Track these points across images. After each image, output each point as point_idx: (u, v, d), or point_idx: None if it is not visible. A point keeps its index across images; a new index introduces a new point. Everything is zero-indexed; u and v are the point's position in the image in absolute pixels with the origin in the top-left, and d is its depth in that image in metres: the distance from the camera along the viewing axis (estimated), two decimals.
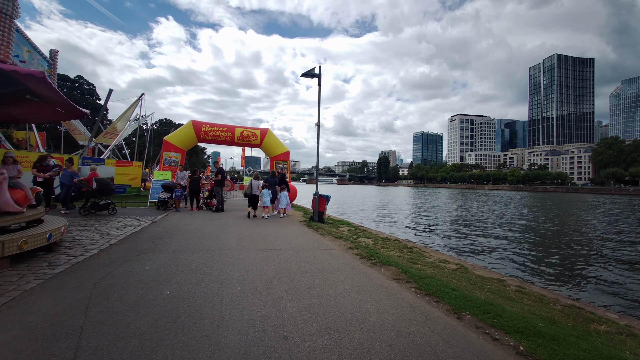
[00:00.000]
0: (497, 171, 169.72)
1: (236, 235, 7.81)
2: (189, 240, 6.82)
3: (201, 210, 13.18)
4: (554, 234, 16.70)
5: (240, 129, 21.39)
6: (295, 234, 8.43)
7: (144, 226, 8.53)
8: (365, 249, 6.68)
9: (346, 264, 5.54)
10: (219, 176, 12.67)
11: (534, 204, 43.02)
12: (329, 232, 8.69)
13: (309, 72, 10.62)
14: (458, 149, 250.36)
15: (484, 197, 63.08)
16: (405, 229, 17.59)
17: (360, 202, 40.59)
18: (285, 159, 21.71)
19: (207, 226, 9.02)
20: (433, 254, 7.51)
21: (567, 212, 30.15)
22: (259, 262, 5.34)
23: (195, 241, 6.78)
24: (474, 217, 24.23)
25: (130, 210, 12.18)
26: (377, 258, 5.86)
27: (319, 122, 10.79)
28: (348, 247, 6.92)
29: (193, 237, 7.20)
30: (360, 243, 7.46)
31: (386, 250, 7.05)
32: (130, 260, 5.09)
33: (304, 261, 5.53)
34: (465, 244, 13.26)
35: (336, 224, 10.97)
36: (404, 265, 5.48)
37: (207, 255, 5.62)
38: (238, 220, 10.55)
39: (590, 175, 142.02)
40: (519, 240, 14.53)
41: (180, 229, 8.26)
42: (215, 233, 7.93)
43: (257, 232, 8.42)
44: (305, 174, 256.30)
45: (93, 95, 59.03)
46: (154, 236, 7.17)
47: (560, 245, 13.48)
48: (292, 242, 7.20)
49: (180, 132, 20.65)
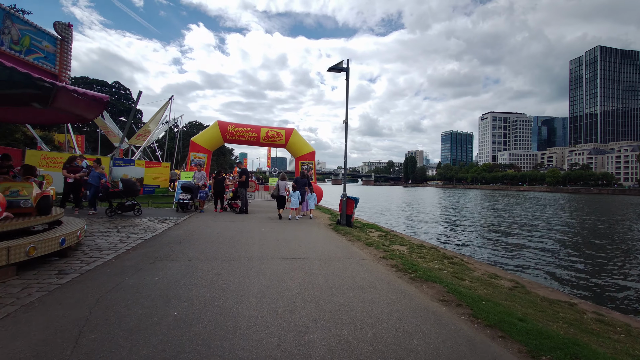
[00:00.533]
0: (534, 171, 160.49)
1: (259, 240, 7.30)
2: (208, 246, 6.37)
3: (225, 212, 12.89)
4: (609, 241, 14.92)
5: (266, 129, 21.13)
6: (321, 239, 7.79)
7: (165, 229, 8.24)
8: (401, 259, 5.92)
9: (381, 278, 4.82)
10: (242, 177, 12.32)
11: (580, 207, 39.72)
12: (358, 238, 7.98)
13: (336, 66, 9.95)
14: (490, 148, 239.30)
15: (521, 199, 59.41)
16: (439, 235, 16.47)
17: (387, 204, 39.35)
18: (310, 159, 21.19)
19: (229, 229, 8.60)
20: (478, 265, 6.59)
21: (618, 217, 27.37)
22: (282, 274, 4.74)
23: (214, 247, 6.32)
24: (514, 222, 22.47)
25: (156, 211, 12.10)
26: (415, 271, 5.09)
27: (347, 119, 10.09)
28: (381, 257, 6.18)
29: (213, 242, 6.76)
30: (394, 252, 6.69)
31: (424, 261, 6.23)
32: (143, 269, 4.67)
33: (332, 274, 4.87)
34: (509, 253, 12.01)
35: (365, 228, 10.23)
36: (450, 282, 4.67)
37: (226, 264, 5.11)
38: (262, 223, 10.09)
39: (638, 175, 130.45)
40: (570, 248, 13.05)
41: (201, 233, 7.87)
42: (237, 237, 7.46)
43: (281, 237, 7.87)
44: (330, 175, 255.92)
45: (129, 99, 61.88)
46: (173, 240, 6.80)
47: (619, 256, 11.90)
48: (319, 250, 6.57)
49: (206, 133, 20.72)
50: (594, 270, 9.83)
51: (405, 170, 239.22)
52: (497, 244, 13.84)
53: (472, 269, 6.01)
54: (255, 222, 10.39)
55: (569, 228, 19.72)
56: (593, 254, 12.23)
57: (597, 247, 13.75)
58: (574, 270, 9.73)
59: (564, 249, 12.98)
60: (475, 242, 14.24)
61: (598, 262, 10.91)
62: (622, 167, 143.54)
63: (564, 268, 9.97)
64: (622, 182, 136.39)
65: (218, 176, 12.99)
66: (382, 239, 8.42)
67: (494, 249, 12.59)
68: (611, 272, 9.66)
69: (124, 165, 16.88)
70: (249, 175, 12.90)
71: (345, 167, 10.20)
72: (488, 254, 11.62)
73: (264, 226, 9.52)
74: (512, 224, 20.79)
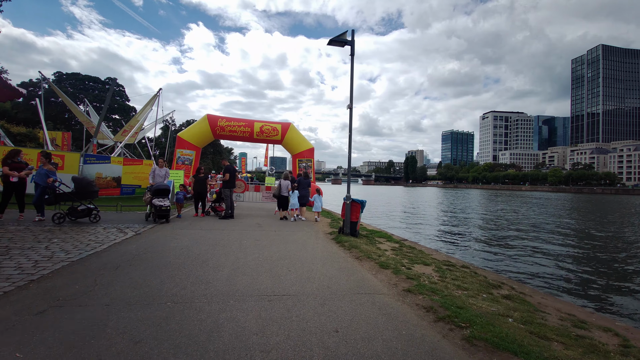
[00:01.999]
0: (536, 171, 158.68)
1: (234, 259, 5.38)
2: (155, 274, 4.42)
3: (207, 217, 10.98)
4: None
5: (260, 123, 19.20)
6: (320, 257, 5.88)
7: (116, 242, 6.32)
8: (435, 294, 4.01)
9: (415, 338, 2.91)
10: (226, 175, 10.40)
11: (595, 208, 37.83)
12: (368, 255, 6.06)
13: (339, 37, 8.03)
14: (491, 147, 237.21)
15: (525, 199, 57.53)
16: (454, 242, 14.55)
17: (389, 204, 37.43)
18: (309, 157, 19.27)
19: (201, 242, 6.67)
20: (541, 299, 4.67)
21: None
22: (251, 334, 2.83)
23: (163, 275, 4.37)
24: (529, 224, 20.55)
25: (123, 216, 10.17)
26: (468, 323, 3.17)
27: (351, 103, 8.17)
28: (404, 290, 4.26)
29: (165, 266, 4.81)
30: (421, 279, 4.77)
31: (466, 293, 4.32)
32: (15, 326, 2.75)
33: (334, 332, 2.95)
34: (555, 271, 10.07)
35: (373, 238, 8.33)
36: (538, 353, 2.75)
37: (162, 314, 3.17)
38: (246, 232, 8.17)
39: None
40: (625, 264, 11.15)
41: (159, 249, 5.93)
42: (205, 256, 5.52)
43: (267, 253, 5.96)
44: (330, 174, 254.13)
45: (122, 96, 59.87)
46: (111, 262, 4.88)
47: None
48: (316, 276, 4.65)
49: (194, 128, 18.79)
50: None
51: (406, 170, 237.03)
52: (527, 254, 11.92)
53: (539, 308, 4.10)
54: (238, 230, 8.47)
55: (607, 234, 17.83)
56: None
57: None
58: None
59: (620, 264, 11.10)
60: (501, 252, 12.31)
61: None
62: (625, 167, 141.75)
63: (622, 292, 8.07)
64: (625, 181, 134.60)
65: (199, 175, 11.07)
66: (397, 254, 6.52)
67: (529, 264, 10.64)
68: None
69: (97, 163, 14.93)
70: (235, 173, 10.98)
71: (350, 162, 8.33)
72: (526, 272, 9.65)
73: (248, 236, 7.60)
74: (529, 225, 18.90)
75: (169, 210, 9.22)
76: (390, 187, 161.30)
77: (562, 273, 9.25)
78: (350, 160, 8.32)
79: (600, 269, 9.94)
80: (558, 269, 9.74)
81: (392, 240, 8.44)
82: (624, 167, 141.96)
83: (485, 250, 12.33)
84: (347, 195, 8.16)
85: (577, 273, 9.34)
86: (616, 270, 9.89)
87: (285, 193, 10.99)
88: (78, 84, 55.03)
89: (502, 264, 10.08)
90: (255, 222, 9.99)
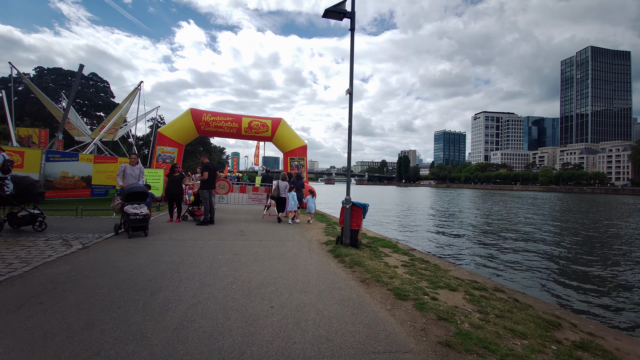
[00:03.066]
0: (527, 171, 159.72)
1: (197, 288, 3.93)
2: (59, 326, 2.96)
3: (183, 222, 9.50)
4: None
5: (249, 118, 17.69)
6: (314, 282, 4.48)
7: (50, 260, 4.83)
8: (489, 350, 2.67)
9: None
10: (205, 174, 8.93)
11: (591, 208, 37.21)
12: (376, 276, 4.68)
13: (337, 7, 6.64)
14: (482, 147, 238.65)
15: (518, 199, 57.02)
16: (454, 244, 13.29)
17: (384, 204, 36.20)
18: (302, 155, 17.86)
19: (161, 261, 5.18)
20: (616, 340, 3.36)
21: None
22: None
23: (74, 326, 2.91)
24: (533, 226, 19.48)
25: (82, 222, 8.63)
26: None
27: (352, 87, 6.79)
28: (439, 342, 2.88)
29: (92, 305, 3.32)
30: (457, 318, 3.40)
31: (529, 348, 2.97)
32: None
33: None
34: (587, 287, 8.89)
35: (376, 248, 6.98)
36: None
37: None
38: (225, 243, 6.72)
39: (630, 175, 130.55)
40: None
41: (98, 273, 4.42)
42: (158, 284, 4.04)
43: (245, 275, 4.53)
44: (323, 174, 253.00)
45: (107, 92, 57.53)
46: (13, 299, 3.41)
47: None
48: (308, 318, 3.24)
49: (176, 123, 17.21)
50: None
51: (399, 169, 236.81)
52: (544, 259, 10.73)
53: None
54: (215, 240, 7.01)
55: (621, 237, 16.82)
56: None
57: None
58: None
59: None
60: (516, 260, 11.08)
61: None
62: (614, 167, 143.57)
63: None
64: (614, 181, 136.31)
65: (173, 174, 9.56)
66: (411, 273, 5.17)
67: (555, 276, 9.43)
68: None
69: (61, 160, 13.25)
70: (215, 171, 9.51)
71: (349, 157, 6.97)
72: (546, 285, 8.42)
73: (225, 249, 6.15)
74: (533, 228, 17.82)
75: (147, 220, 7.26)
76: (383, 187, 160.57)
77: (593, 288, 8.04)
78: (350, 155, 6.95)
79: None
80: (587, 283, 8.54)
81: (400, 250, 7.10)
82: (613, 167, 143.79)
83: (491, 254, 11.10)
84: (347, 198, 6.78)
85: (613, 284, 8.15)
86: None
87: (283, 194, 10.58)
88: (60, 79, 52.48)
89: (522, 276, 8.84)
90: (238, 229, 8.54)
